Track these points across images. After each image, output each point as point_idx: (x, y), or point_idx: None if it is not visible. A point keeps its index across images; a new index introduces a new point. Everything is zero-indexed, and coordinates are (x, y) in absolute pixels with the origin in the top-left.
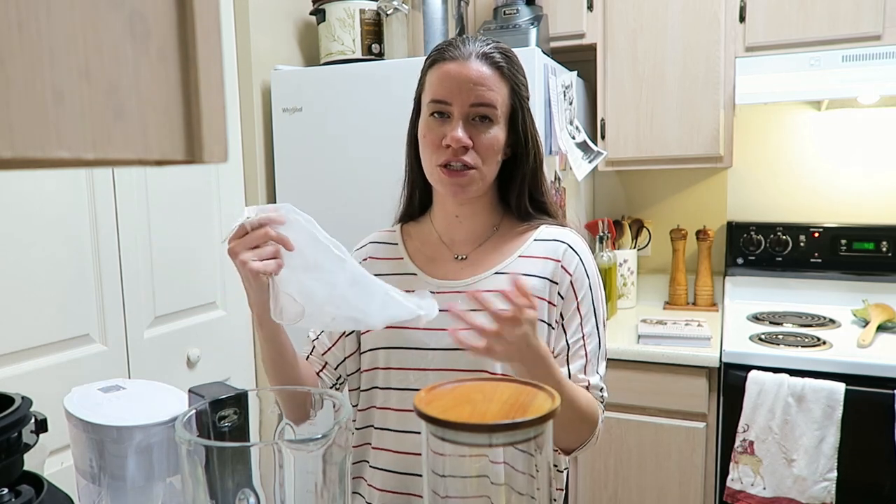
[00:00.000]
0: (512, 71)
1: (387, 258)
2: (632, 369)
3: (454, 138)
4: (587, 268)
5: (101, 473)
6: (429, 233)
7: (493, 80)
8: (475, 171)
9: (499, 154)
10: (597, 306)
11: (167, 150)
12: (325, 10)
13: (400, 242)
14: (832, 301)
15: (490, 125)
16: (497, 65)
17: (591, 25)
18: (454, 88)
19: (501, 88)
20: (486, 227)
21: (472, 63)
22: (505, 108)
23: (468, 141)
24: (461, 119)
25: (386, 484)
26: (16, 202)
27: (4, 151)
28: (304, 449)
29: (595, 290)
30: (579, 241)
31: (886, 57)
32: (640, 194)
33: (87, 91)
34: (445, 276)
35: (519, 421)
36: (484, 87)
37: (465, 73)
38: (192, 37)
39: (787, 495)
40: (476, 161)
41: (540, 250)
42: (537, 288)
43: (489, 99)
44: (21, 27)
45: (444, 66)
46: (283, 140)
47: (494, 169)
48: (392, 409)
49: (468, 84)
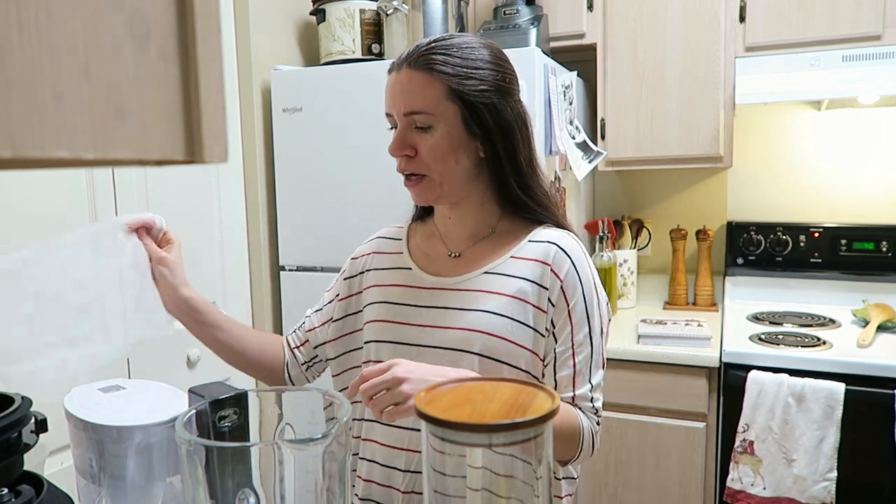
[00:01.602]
0: (455, 68)
1: (389, 252)
2: (632, 369)
3: (390, 149)
4: (580, 273)
5: (101, 473)
6: (431, 230)
7: (423, 84)
8: (427, 178)
9: (450, 157)
10: (591, 313)
11: (167, 150)
12: (325, 10)
13: (404, 238)
14: (832, 301)
15: (430, 130)
16: (429, 66)
17: (591, 25)
18: (390, 100)
19: (434, 91)
20: (480, 227)
21: (403, 70)
22: (443, 109)
23: (403, 151)
24: (402, 129)
25: (373, 475)
26: (16, 202)
27: (4, 151)
28: (304, 448)
29: (589, 296)
30: (574, 244)
31: (886, 57)
32: (640, 194)
33: (87, 91)
34: (438, 273)
35: (519, 421)
36: (411, 94)
37: (396, 82)
38: (192, 37)
39: (787, 495)
40: (422, 168)
41: (532, 252)
42: (525, 291)
43: (417, 106)
44: (21, 27)
45: (390, 76)
46: (283, 140)
47: (455, 171)
48: None
49: (398, 93)
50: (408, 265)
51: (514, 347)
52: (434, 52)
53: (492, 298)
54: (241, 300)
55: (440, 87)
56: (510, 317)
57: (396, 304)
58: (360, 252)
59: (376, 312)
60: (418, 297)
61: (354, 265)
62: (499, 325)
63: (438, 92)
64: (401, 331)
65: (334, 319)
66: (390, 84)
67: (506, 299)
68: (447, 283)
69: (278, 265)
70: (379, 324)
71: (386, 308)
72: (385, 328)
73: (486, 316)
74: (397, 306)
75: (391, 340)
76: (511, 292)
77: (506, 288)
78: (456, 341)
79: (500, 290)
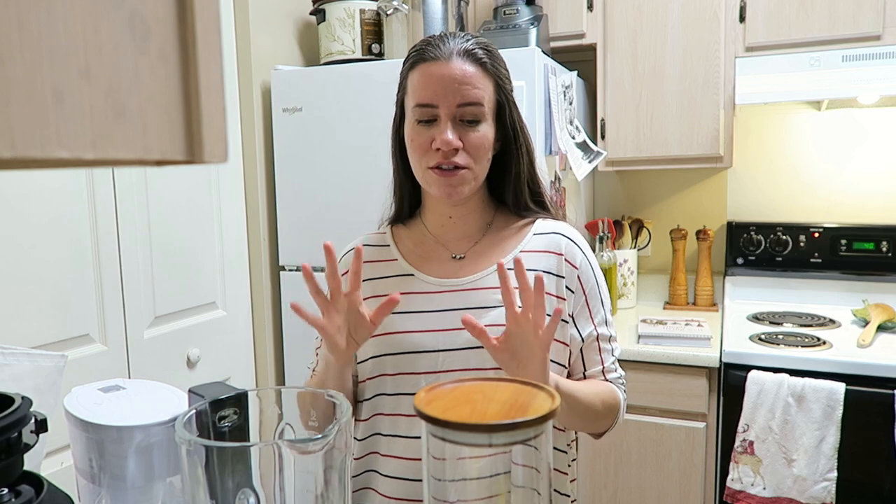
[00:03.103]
0: (495, 66)
1: (380, 260)
2: (632, 369)
3: (444, 141)
4: (590, 260)
5: (101, 473)
6: (421, 234)
7: (478, 78)
8: (467, 171)
9: (489, 152)
10: (603, 295)
11: (167, 150)
12: (325, 10)
13: (392, 244)
14: (832, 301)
15: (478, 124)
16: (480, 61)
17: (591, 25)
18: (439, 90)
19: (486, 85)
20: (479, 226)
21: (455, 62)
22: (491, 105)
23: (458, 143)
24: (449, 120)
25: (396, 492)
26: (16, 202)
27: (4, 151)
28: (304, 449)
29: (599, 278)
30: (577, 232)
31: (886, 57)
32: (640, 194)
33: (87, 91)
34: (445, 275)
35: (519, 421)
36: (469, 86)
37: (448, 73)
38: (192, 37)
39: (787, 495)
40: (468, 161)
41: (540, 244)
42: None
43: (475, 97)
44: (21, 27)
45: (426, 67)
46: (283, 140)
47: (486, 166)
48: (403, 415)
49: (453, 84)
50: (407, 271)
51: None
52: (482, 47)
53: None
54: (241, 300)
55: (491, 82)
56: None
57: (399, 313)
58: (346, 266)
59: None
60: (427, 302)
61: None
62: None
63: (491, 86)
64: (406, 339)
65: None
66: (431, 74)
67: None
68: (459, 284)
69: (278, 265)
70: (383, 337)
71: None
72: (390, 340)
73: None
74: (401, 316)
75: (405, 351)
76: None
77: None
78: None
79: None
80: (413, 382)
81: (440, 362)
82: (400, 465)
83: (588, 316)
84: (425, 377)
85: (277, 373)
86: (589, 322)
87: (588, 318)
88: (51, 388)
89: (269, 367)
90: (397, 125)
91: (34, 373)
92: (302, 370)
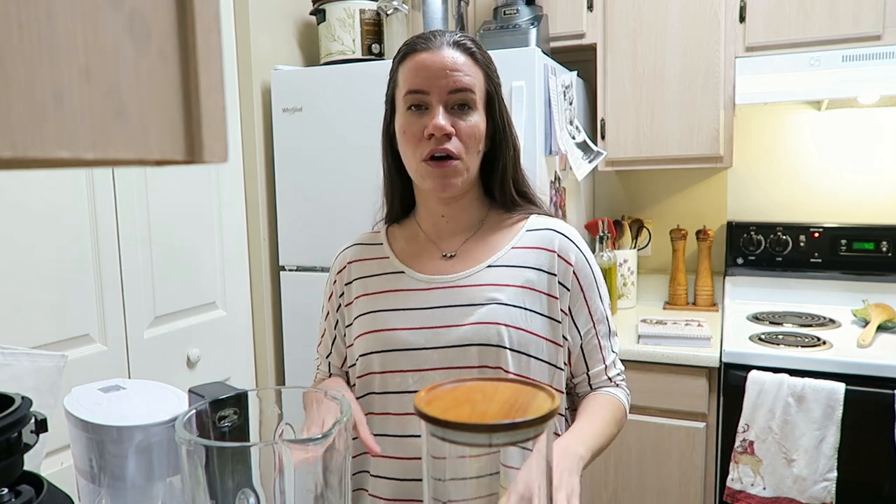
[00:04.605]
0: (485, 58)
1: (372, 258)
2: (632, 369)
3: (437, 126)
4: (586, 255)
5: (101, 473)
6: (414, 233)
7: (468, 66)
8: (459, 162)
9: (480, 143)
10: (601, 290)
11: (167, 150)
12: (325, 10)
13: (385, 243)
14: (832, 301)
15: (469, 112)
16: (470, 51)
17: (591, 25)
18: (430, 76)
19: (477, 73)
20: (472, 223)
21: (446, 50)
22: (482, 95)
23: (451, 129)
24: (440, 105)
25: (390, 492)
26: (16, 202)
27: (4, 151)
28: (304, 449)
29: (596, 274)
30: (571, 228)
31: (886, 57)
32: (640, 194)
33: (87, 91)
34: (435, 272)
35: (519, 421)
36: (460, 73)
37: (439, 60)
38: (192, 37)
39: (787, 495)
40: (459, 149)
41: (532, 240)
42: (534, 281)
43: (466, 84)
44: (21, 27)
45: (417, 56)
46: (283, 140)
47: (477, 160)
48: (392, 414)
49: (444, 70)
50: (398, 269)
51: (532, 337)
52: (471, 41)
53: (502, 290)
54: (241, 300)
55: (481, 72)
56: (523, 307)
57: (387, 311)
58: (340, 265)
59: (366, 324)
60: (416, 300)
61: (340, 280)
62: (516, 315)
63: (481, 76)
64: (395, 337)
65: (347, 346)
66: (423, 62)
67: (514, 290)
68: (448, 281)
69: (278, 265)
70: (370, 335)
71: (372, 318)
72: (380, 337)
73: (502, 308)
74: (389, 313)
75: (392, 349)
76: (519, 283)
77: (513, 279)
78: (466, 338)
79: (508, 281)
80: (399, 380)
81: (425, 360)
82: (391, 464)
83: (587, 313)
84: (412, 375)
85: (277, 373)
86: (588, 319)
87: (587, 315)
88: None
89: (269, 367)
90: (388, 123)
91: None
92: (302, 370)
